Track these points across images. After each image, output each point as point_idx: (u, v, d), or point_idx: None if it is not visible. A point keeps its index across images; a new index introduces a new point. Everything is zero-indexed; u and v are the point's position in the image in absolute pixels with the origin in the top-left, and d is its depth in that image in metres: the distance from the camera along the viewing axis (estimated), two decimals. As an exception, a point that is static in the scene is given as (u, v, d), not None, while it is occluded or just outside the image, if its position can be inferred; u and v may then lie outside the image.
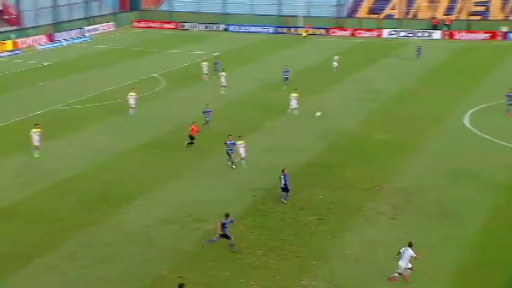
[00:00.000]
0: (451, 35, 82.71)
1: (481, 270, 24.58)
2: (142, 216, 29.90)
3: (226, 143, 35.60)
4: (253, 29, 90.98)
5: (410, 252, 23.44)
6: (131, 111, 46.55)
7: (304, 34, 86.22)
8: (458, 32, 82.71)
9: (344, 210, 30.25)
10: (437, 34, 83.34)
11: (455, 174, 34.53)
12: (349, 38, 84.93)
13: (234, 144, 35.52)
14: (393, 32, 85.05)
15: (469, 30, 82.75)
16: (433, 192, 32.16)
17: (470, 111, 46.74)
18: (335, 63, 61.72)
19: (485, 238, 27.29)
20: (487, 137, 40.69)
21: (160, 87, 56.51)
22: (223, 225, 26.06)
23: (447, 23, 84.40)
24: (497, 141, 39.76)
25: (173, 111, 48.21)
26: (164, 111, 48.20)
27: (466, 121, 44.42)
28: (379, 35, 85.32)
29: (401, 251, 23.61)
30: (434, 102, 49.65)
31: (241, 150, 35.76)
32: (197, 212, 30.12)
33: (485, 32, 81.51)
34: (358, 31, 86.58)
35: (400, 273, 23.64)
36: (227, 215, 26.22)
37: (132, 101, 46.64)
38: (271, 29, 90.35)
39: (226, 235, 26.12)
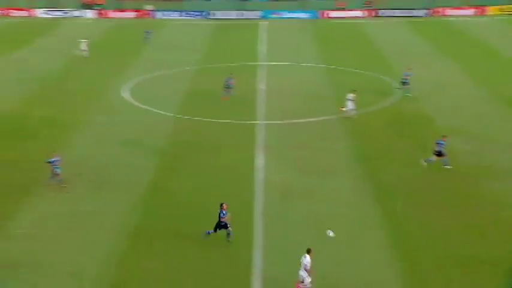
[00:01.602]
0: (103, 14, 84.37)
1: (148, 229, 26.31)
2: None
3: (49, 162, 29.97)
4: None
5: (307, 259, 21.06)
6: None
7: None
8: (112, 11, 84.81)
9: (11, 190, 29.60)
10: (91, 13, 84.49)
11: (120, 144, 35.95)
12: (1, 17, 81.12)
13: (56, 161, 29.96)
14: (47, 12, 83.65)
15: (120, 9, 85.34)
16: (101, 163, 33.17)
17: (129, 84, 48.83)
18: (83, 47, 58.73)
19: (154, 199, 29.28)
20: (146, 107, 43.09)
21: None
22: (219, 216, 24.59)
23: (99, 3, 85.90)
24: (155, 110, 42.31)
25: None
26: None
27: (126, 94, 46.35)
28: (32, 15, 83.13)
29: (301, 260, 21.16)
30: (95, 78, 50.72)
31: None
32: None
33: (134, 11, 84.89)
34: (10, 10, 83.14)
35: (305, 284, 21.08)
36: (221, 205, 24.58)
37: None
38: None
39: (224, 224, 24.63)
